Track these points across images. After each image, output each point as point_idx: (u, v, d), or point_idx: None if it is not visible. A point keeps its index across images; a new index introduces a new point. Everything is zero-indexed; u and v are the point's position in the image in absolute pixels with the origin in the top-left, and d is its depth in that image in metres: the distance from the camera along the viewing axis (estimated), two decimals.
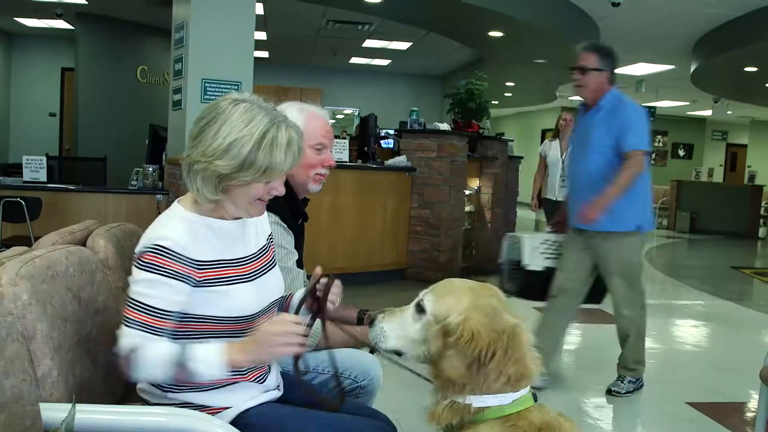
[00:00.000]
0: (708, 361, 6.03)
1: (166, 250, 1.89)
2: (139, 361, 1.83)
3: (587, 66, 4.51)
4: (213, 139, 1.89)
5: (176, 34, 7.41)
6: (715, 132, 24.96)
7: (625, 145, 4.39)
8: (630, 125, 4.43)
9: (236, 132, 1.88)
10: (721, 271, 11.44)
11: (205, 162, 1.89)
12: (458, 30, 10.88)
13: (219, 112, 1.91)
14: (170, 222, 1.97)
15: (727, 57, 11.08)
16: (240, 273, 2.03)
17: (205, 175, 1.91)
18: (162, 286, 1.88)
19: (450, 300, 1.84)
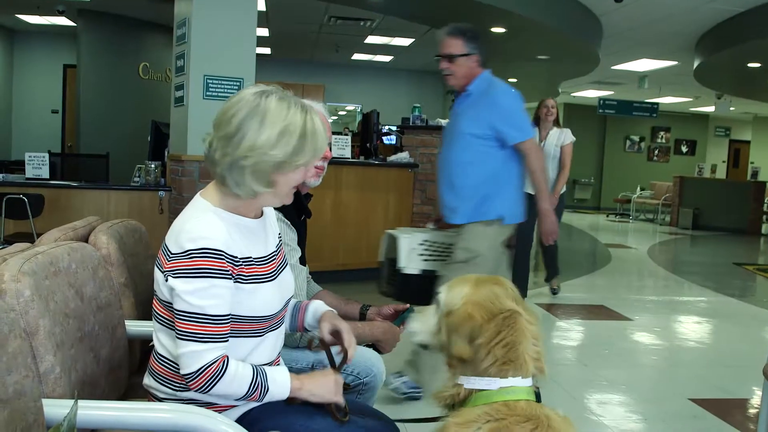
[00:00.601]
0: (711, 357, 6.02)
1: (212, 251, 1.86)
2: (222, 378, 1.86)
3: (454, 53, 4.21)
4: (259, 131, 1.88)
5: (178, 31, 7.40)
6: (718, 128, 24.93)
7: (510, 138, 4.10)
8: (507, 115, 4.13)
9: (281, 120, 1.90)
10: (724, 267, 11.42)
11: (258, 154, 1.88)
12: None
13: (253, 106, 1.90)
14: (205, 218, 1.93)
15: (731, 53, 11.05)
16: (263, 272, 2.03)
17: (257, 168, 1.90)
18: (215, 289, 1.86)
19: (456, 290, 1.90)
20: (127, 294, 2.57)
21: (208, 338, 1.86)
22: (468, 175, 4.18)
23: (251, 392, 1.91)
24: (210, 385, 1.86)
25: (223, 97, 6.99)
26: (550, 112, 7.38)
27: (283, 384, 1.96)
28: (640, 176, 22.66)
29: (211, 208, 1.97)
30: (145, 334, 2.56)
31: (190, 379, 1.86)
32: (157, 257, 1.99)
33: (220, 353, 1.87)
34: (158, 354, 2.03)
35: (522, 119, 4.21)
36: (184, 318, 1.86)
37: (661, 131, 24.23)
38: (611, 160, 23.75)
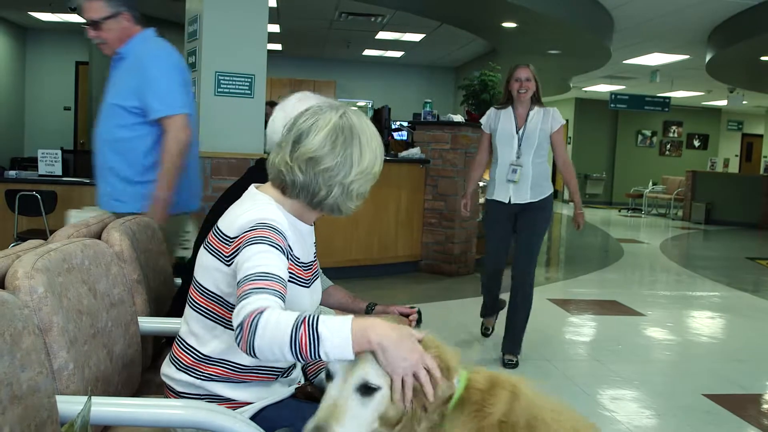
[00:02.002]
0: (724, 352, 6.00)
1: (276, 228, 1.88)
2: (265, 324, 1.59)
3: (97, 17, 3.61)
4: (362, 157, 1.97)
5: (189, 27, 7.41)
6: (730, 122, 24.80)
7: (151, 111, 3.47)
8: (152, 82, 3.49)
9: (371, 143, 2.01)
10: (737, 261, 11.38)
11: (364, 176, 1.99)
12: (471, 21, 10.84)
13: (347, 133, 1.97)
14: (271, 207, 1.95)
15: (743, 46, 10.99)
16: (303, 276, 2.06)
17: (364, 187, 2.02)
18: (272, 254, 1.80)
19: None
20: (140, 290, 2.58)
21: (259, 291, 1.69)
22: (121, 154, 3.57)
23: (295, 336, 1.58)
24: (251, 335, 1.60)
25: (235, 93, 7.00)
26: (524, 87, 5.22)
27: (340, 328, 1.59)
28: (652, 171, 22.57)
29: (273, 202, 1.99)
30: (159, 331, 2.58)
31: (238, 336, 1.63)
32: (208, 243, 1.97)
33: (266, 304, 1.65)
34: (184, 342, 2.05)
35: (169, 89, 3.51)
36: (243, 281, 1.73)
37: (673, 125, 24.12)
38: (623, 154, 23.66)
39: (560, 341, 5.97)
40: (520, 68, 5.28)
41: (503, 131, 5.29)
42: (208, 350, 1.99)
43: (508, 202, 5.26)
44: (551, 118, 5.24)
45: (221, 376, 2.00)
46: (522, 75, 5.25)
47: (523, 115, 5.28)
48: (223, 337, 1.98)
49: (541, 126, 5.20)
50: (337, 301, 2.95)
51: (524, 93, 5.22)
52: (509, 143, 5.25)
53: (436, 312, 6.42)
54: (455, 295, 7.36)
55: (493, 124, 5.38)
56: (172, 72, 3.57)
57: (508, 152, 5.26)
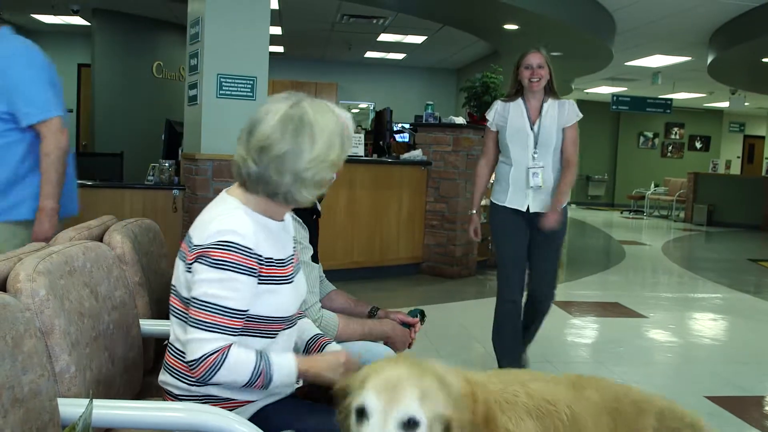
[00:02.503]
0: (726, 354, 5.99)
1: (237, 246, 1.91)
2: (222, 366, 1.89)
3: None
4: (313, 144, 1.96)
5: (191, 30, 7.42)
6: (732, 124, 24.79)
7: (23, 116, 3.26)
8: (17, 85, 3.24)
9: (327, 130, 1.98)
10: (739, 263, 11.37)
11: (317, 164, 1.97)
12: (473, 23, 10.85)
13: (298, 122, 1.96)
14: (236, 214, 1.97)
15: (744, 48, 10.99)
16: (282, 274, 2.07)
17: (318, 176, 1.99)
18: (235, 283, 1.90)
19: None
20: (142, 293, 2.58)
21: (215, 329, 1.90)
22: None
23: (254, 379, 1.93)
24: (210, 374, 1.89)
25: (237, 96, 7.01)
26: (536, 74, 4.45)
27: (288, 368, 1.99)
28: (653, 172, 22.58)
29: (240, 206, 2.01)
30: (160, 333, 2.58)
31: (192, 366, 1.90)
32: (180, 251, 2.03)
33: (223, 344, 1.90)
34: (174, 348, 2.07)
35: (39, 91, 3.30)
36: (197, 305, 1.91)
37: (675, 127, 24.12)
38: (625, 156, 23.66)
39: (562, 343, 5.96)
40: (532, 53, 4.48)
41: (515, 128, 4.51)
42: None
43: (526, 211, 4.53)
44: (567, 110, 4.52)
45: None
46: (534, 61, 4.46)
47: (536, 108, 4.51)
48: None
49: (559, 121, 4.49)
50: (340, 305, 2.95)
51: (537, 82, 4.43)
52: (523, 142, 4.49)
53: (438, 314, 6.41)
54: (457, 297, 7.36)
55: (501, 119, 4.60)
56: (39, 72, 3.32)
57: (522, 153, 4.49)
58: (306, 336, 2.35)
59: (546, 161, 4.46)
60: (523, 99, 4.55)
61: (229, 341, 1.91)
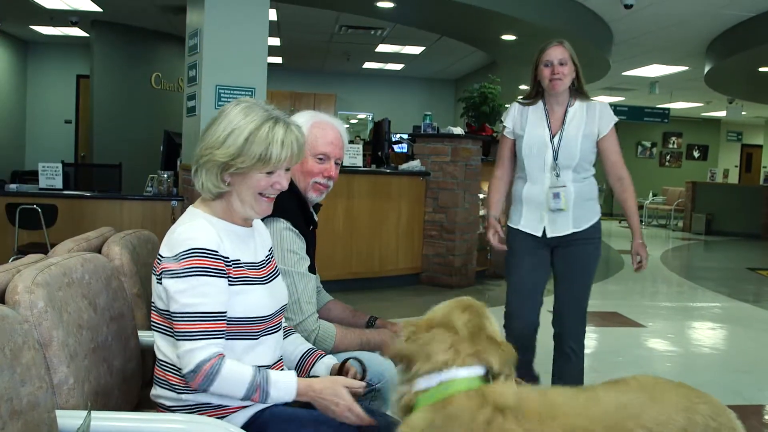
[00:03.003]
0: (725, 363, 5.99)
1: (202, 250, 1.96)
2: (218, 375, 1.91)
3: None
4: (214, 133, 2.03)
5: (190, 41, 7.45)
6: (729, 133, 24.83)
7: None
8: None
9: (233, 124, 2.02)
10: (738, 272, 11.37)
11: (209, 153, 2.02)
12: (471, 34, 10.88)
13: (222, 112, 2.08)
14: (194, 223, 2.03)
15: (741, 58, 11.03)
16: (255, 275, 2.11)
17: (208, 166, 2.03)
18: (206, 287, 1.94)
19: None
20: (140, 305, 2.58)
21: (201, 335, 1.92)
22: None
23: (250, 394, 1.96)
24: (207, 382, 1.91)
25: None
26: (558, 73, 3.68)
27: (287, 387, 2.00)
28: (652, 182, 22.59)
29: (200, 214, 2.08)
30: None
31: (190, 378, 1.92)
32: (153, 266, 2.07)
33: (215, 350, 1.93)
34: (161, 361, 2.09)
35: None
36: (178, 318, 1.94)
37: (673, 136, 24.16)
38: None
39: None
40: (553, 47, 3.73)
41: (532, 138, 3.75)
42: None
43: (541, 236, 3.77)
44: (598, 116, 3.75)
45: None
46: (554, 56, 3.68)
47: (559, 115, 3.75)
48: None
49: (585, 130, 3.71)
50: (337, 316, 2.95)
51: (558, 81, 3.66)
52: (541, 156, 3.73)
53: None
54: None
55: (518, 126, 3.84)
56: None
57: (539, 168, 3.74)
58: (299, 351, 2.37)
59: (567, 178, 3.73)
60: (544, 102, 3.80)
61: (219, 346, 1.94)
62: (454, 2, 8.24)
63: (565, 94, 3.75)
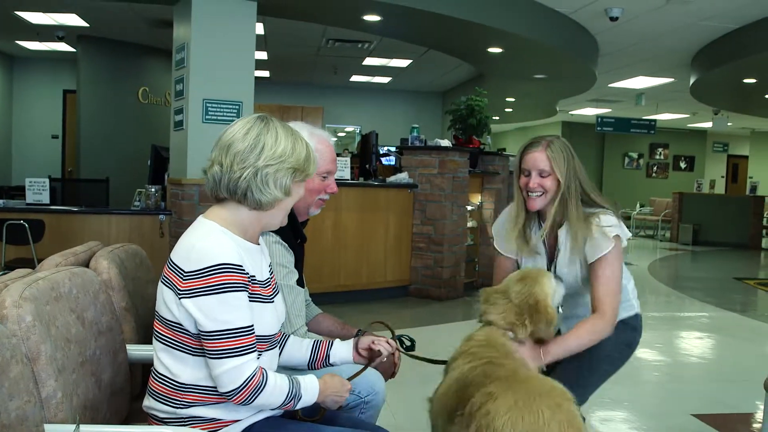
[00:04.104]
0: (713, 372, 6.02)
1: (229, 266, 1.94)
2: (265, 388, 1.96)
3: None
4: (275, 145, 2.03)
5: (177, 55, 7.45)
6: (716, 144, 24.99)
7: None
8: None
9: (290, 137, 2.08)
10: (725, 282, 11.42)
11: (278, 163, 2.02)
12: (457, 47, 10.92)
13: (262, 126, 2.06)
14: (216, 237, 2.00)
15: (726, 69, 11.11)
16: (264, 294, 2.11)
17: (279, 175, 2.03)
18: (238, 302, 1.94)
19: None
20: (129, 318, 2.58)
21: (242, 351, 1.94)
22: None
23: (287, 401, 2.03)
24: (253, 397, 1.95)
25: (223, 120, 7.03)
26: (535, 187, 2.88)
27: (313, 390, 2.10)
28: (639, 193, 22.70)
29: (218, 228, 2.03)
30: (147, 359, 2.57)
31: (234, 394, 1.93)
32: (164, 276, 2.03)
33: (257, 364, 1.98)
34: (157, 373, 2.07)
35: None
36: (214, 337, 1.92)
37: (660, 148, 24.29)
38: (610, 177, 23.79)
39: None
40: (532, 151, 2.94)
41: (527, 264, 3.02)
42: (182, 379, 2.01)
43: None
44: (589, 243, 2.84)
45: (200, 401, 2.02)
46: (534, 164, 2.90)
47: (550, 240, 2.98)
48: (193, 365, 2.01)
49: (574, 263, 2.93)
50: (326, 328, 2.96)
51: (536, 198, 2.88)
52: None
53: (426, 336, 6.41)
54: (445, 318, 7.36)
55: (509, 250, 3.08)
56: None
57: None
58: (306, 345, 2.40)
59: (574, 313, 3.04)
60: (539, 216, 3.00)
61: (256, 359, 1.98)
62: (440, 15, 8.27)
63: (553, 214, 2.89)
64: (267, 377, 1.97)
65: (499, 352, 2.42)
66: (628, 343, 3.16)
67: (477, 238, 9.53)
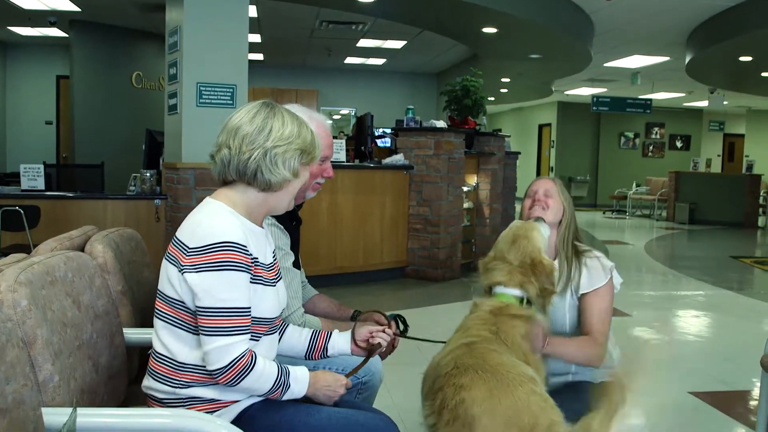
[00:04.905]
0: (710, 350, 6.03)
1: (234, 245, 1.96)
2: (252, 371, 1.97)
3: None
4: (283, 127, 2.08)
5: (170, 39, 7.41)
6: (712, 122, 24.95)
7: None
8: None
9: (296, 121, 2.13)
10: (721, 261, 11.44)
11: (286, 144, 2.07)
12: (452, 27, 10.88)
13: (269, 110, 2.11)
14: (224, 216, 2.02)
15: (722, 47, 11.08)
16: (267, 276, 2.12)
17: (287, 156, 2.07)
18: (238, 282, 1.96)
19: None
20: (125, 302, 2.58)
21: (234, 331, 1.95)
22: None
23: (274, 389, 2.03)
24: (239, 378, 1.95)
25: (217, 103, 7.01)
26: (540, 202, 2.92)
27: (303, 381, 2.10)
28: (635, 172, 22.70)
29: (226, 209, 2.06)
30: (144, 342, 2.57)
31: (220, 373, 1.94)
32: (168, 254, 2.05)
33: (247, 346, 1.98)
34: (157, 353, 2.08)
35: None
36: (209, 313, 1.94)
37: (655, 127, 24.27)
38: (606, 157, 23.78)
39: None
40: (537, 180, 3.04)
41: None
42: (182, 358, 2.03)
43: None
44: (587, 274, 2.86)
45: (199, 381, 2.03)
46: (539, 186, 2.98)
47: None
48: (193, 344, 2.02)
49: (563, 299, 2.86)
50: (323, 310, 2.96)
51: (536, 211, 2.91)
52: None
53: (423, 317, 6.43)
54: (441, 300, 7.37)
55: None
56: None
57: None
58: (305, 335, 2.39)
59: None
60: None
61: (248, 342, 1.99)
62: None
63: (556, 248, 2.91)
64: (255, 361, 1.98)
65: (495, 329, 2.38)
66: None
67: (473, 219, 9.54)
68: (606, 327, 2.80)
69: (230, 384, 1.95)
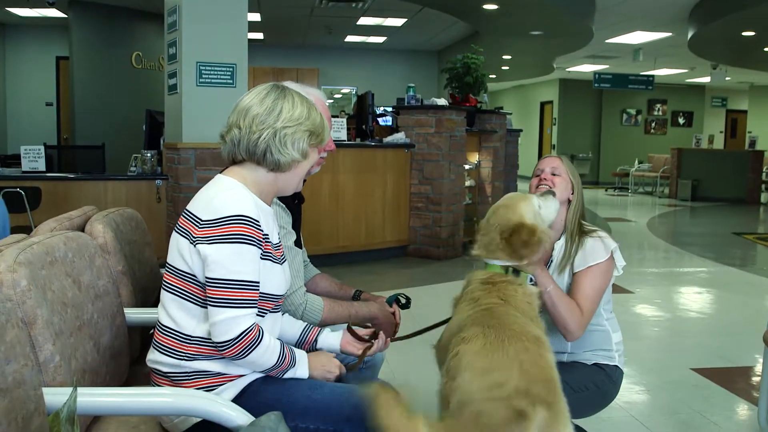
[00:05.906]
0: (712, 327, 6.04)
1: (246, 218, 1.98)
2: (260, 344, 1.99)
3: None
4: (293, 108, 2.11)
5: (169, 18, 7.37)
6: (714, 99, 24.87)
7: None
8: None
9: (306, 103, 2.16)
10: (724, 237, 11.44)
11: (295, 125, 2.10)
12: (452, 4, 10.84)
13: (279, 92, 2.15)
14: (237, 191, 2.05)
15: (724, 22, 11.02)
16: (275, 255, 2.15)
17: (296, 137, 2.11)
18: (249, 255, 1.98)
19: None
20: (126, 282, 2.57)
21: (243, 303, 1.96)
22: None
23: (278, 364, 2.06)
24: (247, 352, 1.97)
25: (217, 83, 6.98)
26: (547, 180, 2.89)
27: (304, 363, 2.15)
28: (637, 149, 22.65)
29: (237, 184, 2.08)
30: (145, 322, 2.57)
31: (228, 346, 1.95)
32: (179, 226, 2.07)
33: (254, 320, 2.00)
34: (163, 326, 2.09)
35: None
36: (218, 284, 1.95)
37: (658, 103, 24.19)
38: (608, 134, 23.72)
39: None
40: (547, 157, 3.00)
41: None
42: (188, 331, 2.04)
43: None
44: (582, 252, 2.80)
45: (205, 354, 2.04)
46: (546, 164, 2.95)
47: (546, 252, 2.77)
48: (200, 316, 2.03)
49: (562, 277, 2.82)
50: (324, 289, 2.95)
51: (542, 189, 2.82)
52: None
53: (425, 295, 6.43)
54: (443, 278, 7.38)
55: None
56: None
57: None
58: (297, 328, 2.40)
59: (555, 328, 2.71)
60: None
61: (255, 316, 2.01)
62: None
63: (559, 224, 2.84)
64: (263, 335, 2.00)
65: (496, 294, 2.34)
66: (597, 384, 2.85)
67: (475, 197, 9.52)
68: (592, 306, 2.70)
69: (236, 357, 1.97)
